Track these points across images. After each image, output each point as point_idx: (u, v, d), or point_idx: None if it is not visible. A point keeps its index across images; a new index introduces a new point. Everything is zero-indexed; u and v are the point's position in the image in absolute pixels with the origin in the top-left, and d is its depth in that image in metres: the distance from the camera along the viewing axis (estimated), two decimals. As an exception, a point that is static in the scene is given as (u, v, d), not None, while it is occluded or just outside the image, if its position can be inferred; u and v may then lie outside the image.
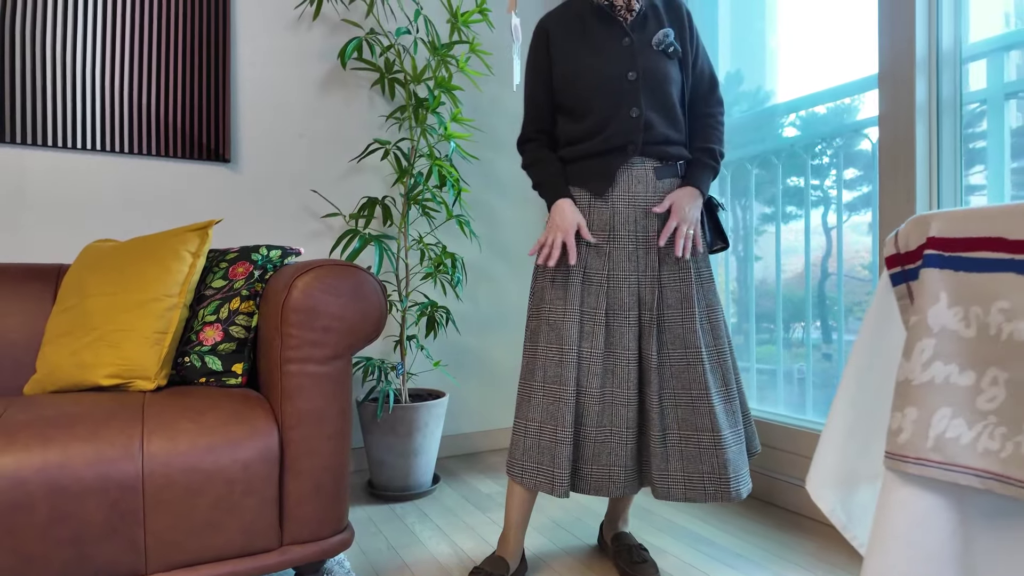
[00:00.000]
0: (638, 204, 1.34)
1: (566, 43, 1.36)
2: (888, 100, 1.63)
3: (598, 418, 1.28)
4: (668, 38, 1.33)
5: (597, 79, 1.32)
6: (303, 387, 1.24)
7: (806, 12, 1.97)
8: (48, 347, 1.40)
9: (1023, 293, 0.49)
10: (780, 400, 2.00)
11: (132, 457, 1.09)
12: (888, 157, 1.62)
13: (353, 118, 2.18)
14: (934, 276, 0.54)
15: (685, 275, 1.32)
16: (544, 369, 1.31)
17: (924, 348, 0.53)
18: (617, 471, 1.27)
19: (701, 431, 1.27)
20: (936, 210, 0.54)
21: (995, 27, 1.57)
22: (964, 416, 0.51)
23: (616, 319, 1.31)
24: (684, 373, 1.29)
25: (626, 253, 1.32)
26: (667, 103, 1.34)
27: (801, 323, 1.94)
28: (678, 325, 1.31)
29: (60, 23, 1.78)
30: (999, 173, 1.55)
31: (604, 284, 1.32)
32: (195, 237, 1.47)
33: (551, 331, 1.32)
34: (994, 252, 0.51)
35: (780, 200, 2.02)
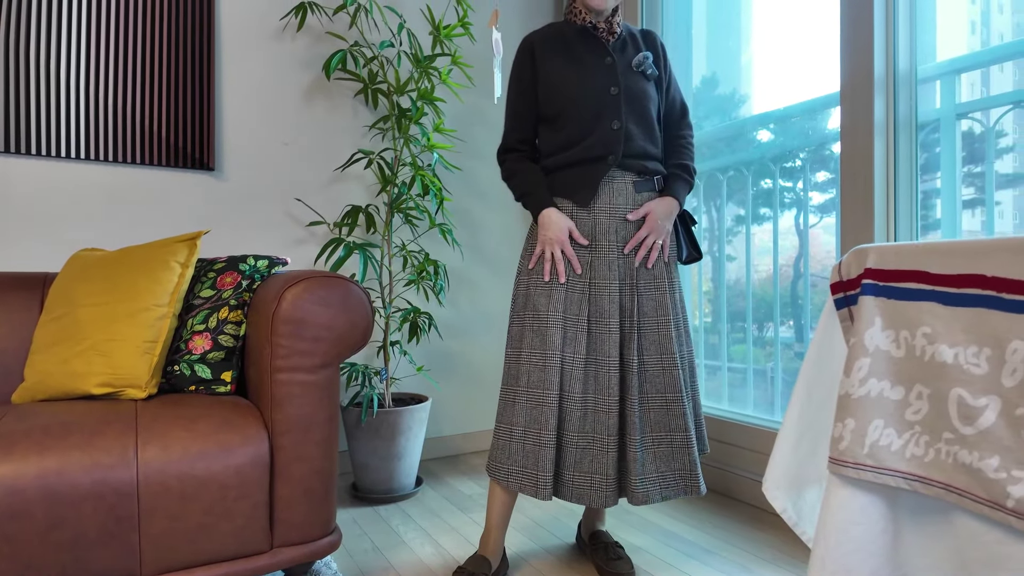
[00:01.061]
0: (618, 215, 1.40)
1: (551, 58, 1.43)
2: (848, 117, 1.72)
3: (580, 424, 1.33)
4: (647, 60, 1.42)
5: (580, 92, 1.39)
6: (293, 395, 1.29)
7: (778, 26, 2.06)
8: (37, 356, 1.42)
9: (941, 320, 0.56)
10: (750, 400, 2.09)
11: (127, 464, 1.12)
12: (849, 170, 1.72)
13: (337, 127, 2.22)
14: (870, 303, 0.62)
15: (661, 284, 1.40)
16: (528, 374, 1.36)
17: (861, 366, 0.61)
18: (599, 479, 1.31)
19: (674, 431, 1.35)
20: (889, 228, 0.60)
21: (954, 49, 1.67)
22: (894, 426, 0.59)
23: (598, 326, 1.36)
24: (660, 377, 1.36)
25: (607, 262, 1.38)
26: (646, 118, 1.42)
27: (783, 322, 2.03)
28: (654, 332, 1.37)
29: (44, 31, 1.79)
30: (951, 182, 1.65)
31: (586, 292, 1.37)
32: (184, 248, 1.50)
33: (535, 336, 1.37)
34: (919, 283, 0.58)
35: (750, 204, 2.11)
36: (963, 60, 1.64)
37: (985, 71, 1.64)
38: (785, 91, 2.03)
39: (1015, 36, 1.62)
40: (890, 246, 0.61)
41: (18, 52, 1.77)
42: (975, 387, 0.53)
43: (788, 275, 2.00)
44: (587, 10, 1.41)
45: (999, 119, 1.59)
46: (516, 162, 1.47)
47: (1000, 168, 1.58)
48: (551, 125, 1.44)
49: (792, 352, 1.99)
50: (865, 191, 1.68)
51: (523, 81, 1.46)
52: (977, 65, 1.65)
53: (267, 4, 2.10)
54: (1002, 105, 1.59)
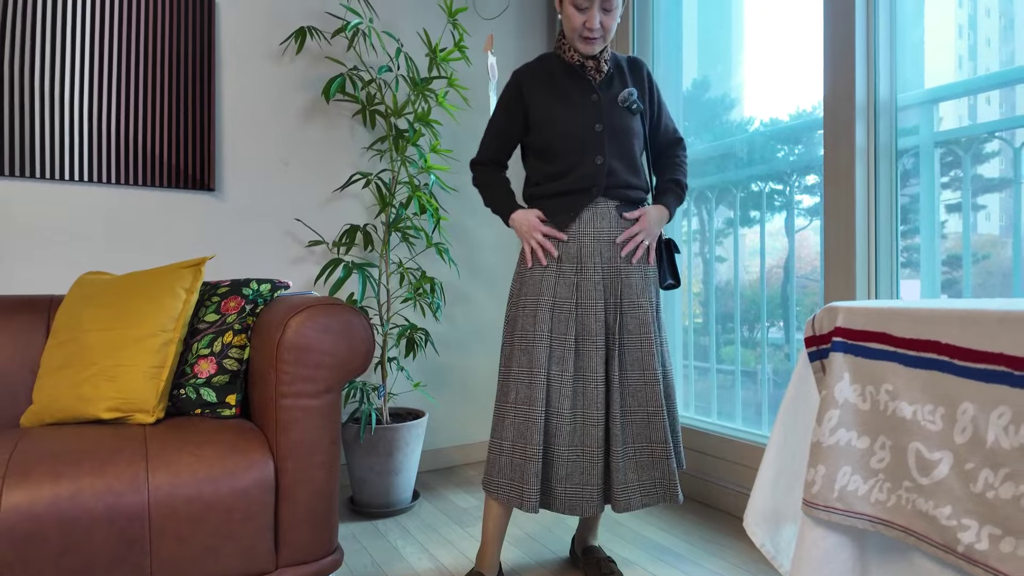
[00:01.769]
0: (602, 238, 1.46)
1: (540, 94, 1.48)
2: (831, 141, 1.78)
3: (569, 438, 1.40)
4: (632, 96, 1.47)
5: (567, 128, 1.45)
6: (296, 420, 1.33)
7: (769, 29, 2.12)
8: (45, 379, 1.46)
9: (902, 379, 0.62)
10: (738, 401, 2.15)
11: (138, 489, 1.17)
12: (832, 193, 1.78)
13: (335, 147, 2.27)
14: (839, 359, 0.67)
15: (644, 303, 1.46)
16: (516, 391, 1.42)
17: (831, 417, 0.67)
18: (589, 490, 1.39)
19: (655, 443, 1.43)
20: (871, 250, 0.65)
21: (942, 79, 1.74)
22: (860, 473, 0.64)
23: (585, 345, 1.42)
24: (641, 392, 1.43)
25: (592, 283, 1.44)
26: (629, 153, 1.48)
27: (773, 323, 2.08)
28: (637, 349, 1.44)
29: (48, 57, 1.83)
30: (931, 201, 1.72)
31: (573, 312, 1.43)
32: (189, 274, 1.54)
33: (523, 355, 1.43)
34: (883, 344, 0.64)
35: (738, 208, 2.18)
36: (941, 90, 1.71)
37: (966, 100, 1.71)
38: (775, 95, 2.08)
39: (1003, 68, 1.69)
40: (858, 308, 0.67)
41: (23, 78, 1.80)
42: (931, 442, 0.59)
43: (778, 276, 2.06)
44: (576, 51, 1.47)
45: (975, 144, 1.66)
46: (488, 174, 1.57)
47: (985, 172, 1.64)
48: (540, 156, 1.50)
49: (782, 353, 2.05)
50: (847, 209, 1.74)
51: (509, 109, 1.52)
52: (955, 95, 1.72)
53: (266, 26, 2.14)
54: (981, 132, 1.66)
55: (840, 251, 1.76)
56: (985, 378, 0.56)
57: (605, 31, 1.43)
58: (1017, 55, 1.68)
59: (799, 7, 2.01)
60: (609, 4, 1.40)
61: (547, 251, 1.45)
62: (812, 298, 2.01)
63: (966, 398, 0.57)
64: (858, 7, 1.74)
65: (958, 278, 1.68)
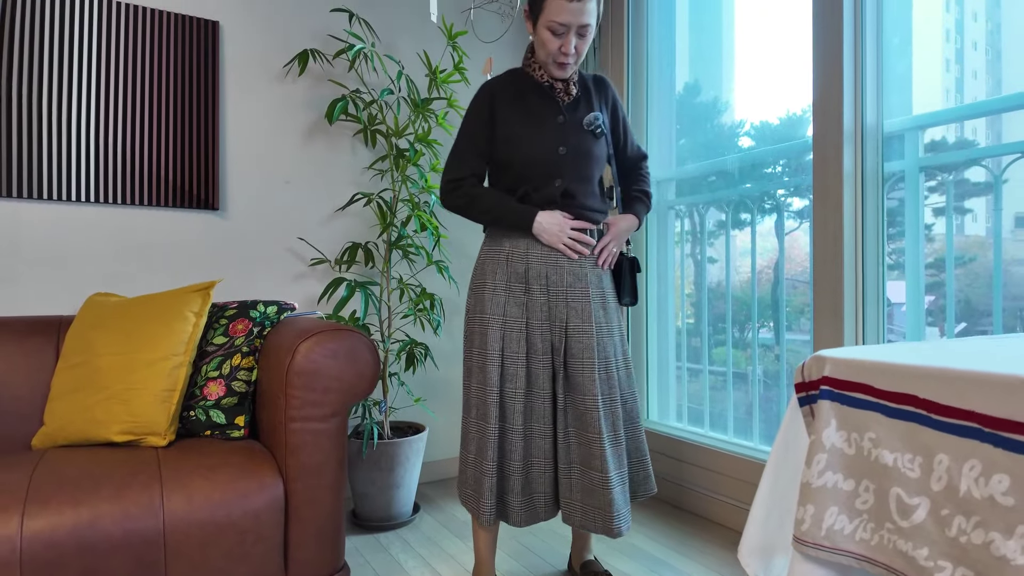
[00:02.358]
0: (549, 262, 1.48)
1: (508, 110, 1.49)
2: (820, 165, 1.84)
3: (523, 452, 1.44)
4: (597, 120, 1.50)
5: (531, 149, 1.46)
6: (305, 443, 1.38)
7: (761, 33, 2.17)
8: (57, 402, 1.50)
9: (884, 428, 0.67)
10: (730, 402, 2.21)
11: (154, 514, 1.21)
12: (820, 214, 1.84)
13: (337, 166, 2.31)
14: (826, 406, 0.73)
15: (588, 328, 1.46)
16: (476, 408, 1.47)
17: (819, 460, 0.72)
18: (539, 498, 1.45)
19: (593, 470, 1.41)
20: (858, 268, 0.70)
21: (931, 107, 1.80)
22: (846, 513, 0.70)
23: (533, 363, 1.46)
24: (583, 417, 1.43)
25: (539, 304, 1.47)
26: (588, 177, 1.51)
27: (763, 324, 2.14)
28: (579, 374, 1.44)
29: (56, 80, 1.86)
30: (915, 218, 1.78)
31: (523, 331, 1.46)
32: (198, 298, 1.58)
33: (479, 372, 1.47)
34: (866, 395, 0.70)
35: (730, 211, 2.24)
36: (926, 117, 1.77)
37: (948, 127, 1.78)
38: (766, 98, 2.14)
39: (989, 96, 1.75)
40: (843, 359, 0.72)
41: (31, 101, 1.83)
42: (910, 488, 0.64)
43: (769, 277, 2.12)
44: (547, 72, 1.48)
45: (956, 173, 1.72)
46: (473, 188, 1.50)
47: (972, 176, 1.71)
48: (500, 170, 1.52)
49: (772, 355, 2.10)
50: (835, 229, 1.80)
51: (481, 122, 1.49)
52: (939, 122, 1.79)
53: (269, 48, 2.18)
54: (963, 159, 1.72)
55: (828, 256, 1.82)
56: (958, 432, 0.61)
57: (578, 55, 1.44)
58: (1004, 84, 1.75)
59: (789, 11, 2.05)
60: (584, 30, 1.40)
61: (576, 250, 1.47)
62: (802, 298, 2.07)
63: (941, 450, 0.62)
64: (846, 36, 1.80)
65: (944, 280, 1.74)
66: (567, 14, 1.36)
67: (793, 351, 2.08)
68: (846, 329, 1.77)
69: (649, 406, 2.48)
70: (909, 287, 1.79)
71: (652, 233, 2.48)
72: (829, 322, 1.81)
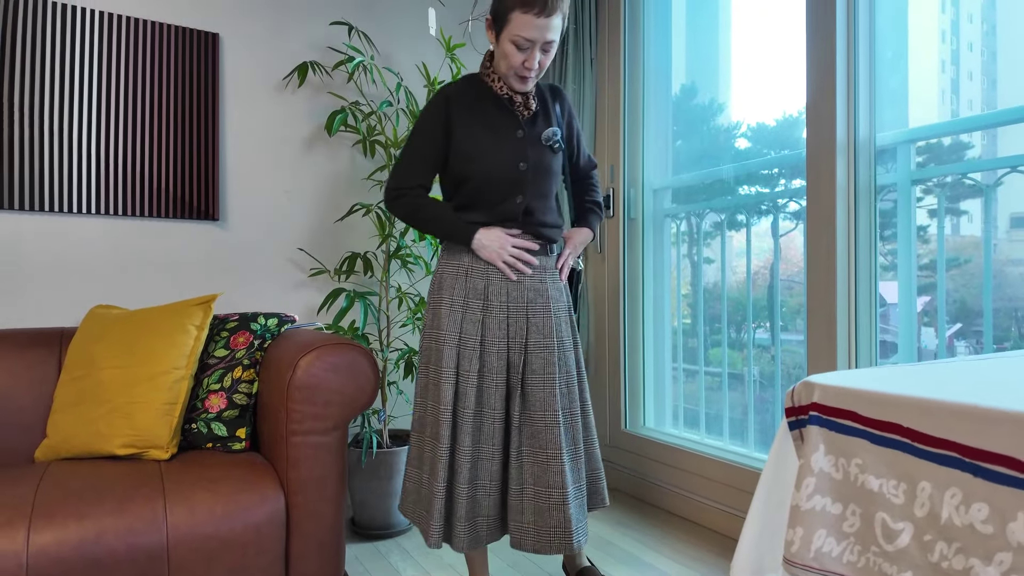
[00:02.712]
0: (509, 278, 1.45)
1: (467, 121, 1.44)
2: (813, 177, 1.87)
3: (469, 474, 1.39)
4: (555, 136, 1.47)
5: (491, 164, 1.43)
6: (306, 457, 1.40)
7: (757, 35, 2.19)
8: (60, 415, 1.51)
9: (870, 455, 0.70)
10: (725, 403, 2.24)
11: (158, 528, 1.22)
12: (814, 228, 1.87)
13: (336, 176, 2.32)
14: (815, 431, 0.75)
15: (549, 343, 1.44)
16: (430, 427, 1.44)
17: (808, 484, 0.74)
18: (481, 521, 1.41)
19: (552, 487, 1.38)
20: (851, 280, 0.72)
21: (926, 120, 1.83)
22: (834, 536, 0.72)
23: (486, 381, 1.42)
24: (542, 434, 1.40)
25: (497, 321, 1.44)
26: (547, 193, 1.50)
27: (759, 325, 2.16)
28: (540, 390, 1.42)
29: (57, 92, 1.88)
30: (908, 234, 1.81)
31: (477, 349, 1.42)
32: (199, 311, 1.60)
33: (435, 391, 1.43)
34: (853, 422, 0.72)
35: (725, 218, 2.26)
36: (919, 131, 1.80)
37: (940, 142, 1.81)
38: (762, 100, 2.16)
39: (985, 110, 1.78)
40: (831, 387, 0.75)
41: (32, 115, 1.85)
42: (894, 513, 0.67)
43: (765, 278, 2.14)
44: (506, 84, 1.45)
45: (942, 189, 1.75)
46: (417, 199, 1.47)
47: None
48: (459, 184, 1.47)
49: (768, 355, 2.13)
50: (828, 243, 1.83)
51: (434, 131, 1.45)
52: (932, 135, 1.82)
53: (269, 60, 2.20)
54: (951, 174, 1.75)
55: (821, 258, 1.84)
56: (940, 461, 0.64)
57: (541, 70, 1.42)
58: (999, 83, 1.77)
59: (785, 12, 2.07)
60: (549, 45, 1.38)
61: (517, 269, 1.45)
62: (797, 299, 2.09)
63: (924, 477, 0.65)
64: (839, 48, 1.83)
65: (936, 282, 1.76)
66: (533, 30, 1.33)
67: (789, 351, 2.10)
68: (839, 334, 1.80)
69: (645, 412, 2.51)
70: (901, 289, 1.82)
71: (648, 234, 2.50)
72: (822, 328, 1.83)
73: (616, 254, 2.53)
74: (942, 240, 1.75)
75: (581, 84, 2.58)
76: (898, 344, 1.82)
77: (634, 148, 2.53)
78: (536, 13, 1.32)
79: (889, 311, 1.88)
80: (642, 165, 2.51)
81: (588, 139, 2.58)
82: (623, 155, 2.53)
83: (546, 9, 1.32)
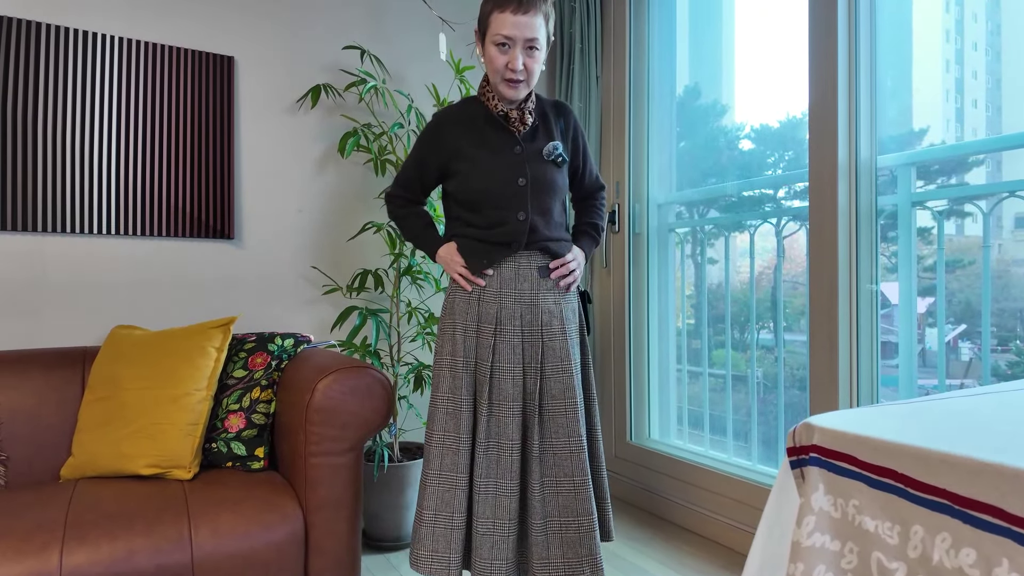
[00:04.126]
0: (524, 300, 1.42)
1: (463, 142, 1.44)
2: (815, 199, 1.91)
3: (481, 508, 1.34)
4: (557, 150, 1.44)
5: (491, 182, 1.41)
6: (324, 477, 1.45)
7: (761, 37, 2.22)
8: (85, 435, 1.57)
9: (866, 497, 0.74)
10: (729, 405, 2.28)
11: (184, 548, 1.28)
12: (816, 244, 1.91)
13: (348, 194, 2.38)
14: (815, 472, 0.80)
15: (567, 366, 1.39)
16: (441, 457, 1.38)
17: (808, 522, 0.79)
18: (499, 564, 1.33)
19: (581, 515, 1.34)
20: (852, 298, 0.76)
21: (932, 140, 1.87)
22: (833, 571, 0.77)
23: (500, 409, 1.37)
24: (567, 460, 1.35)
25: (511, 346, 1.39)
26: (549, 208, 1.45)
27: (762, 325, 2.20)
28: (562, 415, 1.37)
29: (79, 117, 1.93)
30: (908, 262, 1.85)
31: (488, 374, 1.38)
32: (218, 333, 1.65)
33: (448, 419, 1.39)
34: (851, 465, 0.77)
35: (726, 230, 2.30)
36: (918, 155, 1.84)
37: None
38: (765, 101, 2.20)
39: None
40: (830, 430, 0.79)
41: (55, 139, 1.90)
42: (889, 553, 0.71)
43: (769, 279, 2.18)
44: (500, 97, 1.43)
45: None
46: (405, 205, 1.56)
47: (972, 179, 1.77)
48: (461, 205, 1.47)
49: (772, 357, 2.17)
50: (831, 263, 1.87)
51: (427, 154, 1.49)
52: (934, 158, 1.86)
53: (282, 82, 2.25)
54: (949, 196, 1.79)
55: (824, 260, 1.88)
56: (931, 507, 0.68)
57: (529, 74, 1.38)
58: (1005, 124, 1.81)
59: (788, 13, 2.09)
60: (532, 44, 1.35)
61: (470, 281, 1.44)
62: (801, 299, 2.13)
63: (917, 521, 0.69)
64: (840, 65, 1.87)
65: (945, 285, 1.79)
66: (511, 27, 1.33)
67: (792, 352, 2.14)
68: (840, 336, 1.84)
69: (651, 424, 2.55)
70: (902, 291, 1.84)
71: (653, 249, 2.54)
72: (824, 330, 1.88)
73: (621, 268, 2.58)
74: (942, 242, 1.78)
75: (587, 102, 2.62)
76: (899, 345, 1.85)
77: (638, 163, 2.57)
78: (512, 10, 1.32)
79: (892, 312, 1.91)
80: (647, 180, 2.56)
81: (593, 155, 2.63)
82: (628, 171, 2.57)
83: (521, 6, 1.32)
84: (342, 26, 2.37)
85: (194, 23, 2.12)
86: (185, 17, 2.10)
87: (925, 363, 1.88)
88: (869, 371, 1.86)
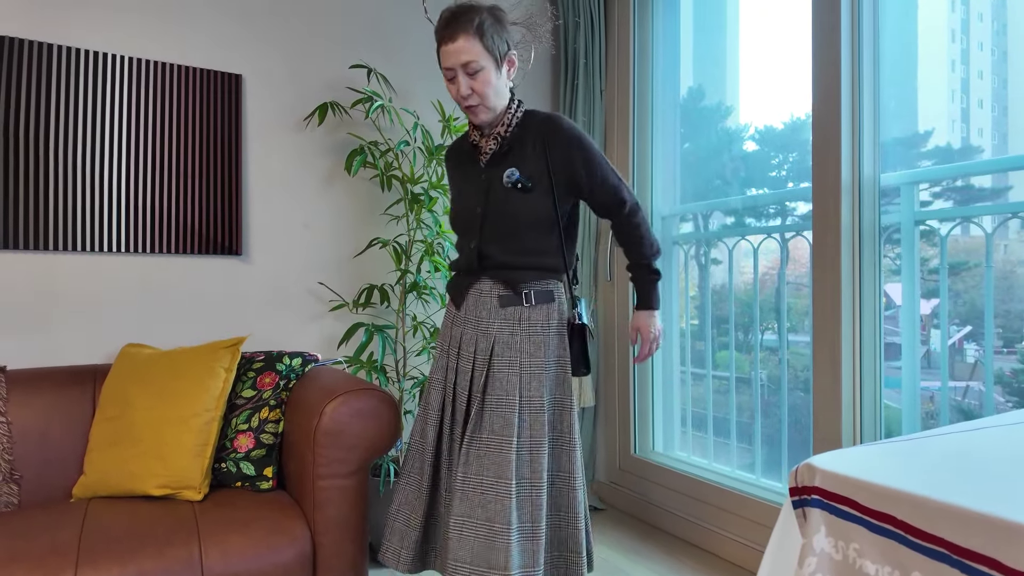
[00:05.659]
0: (481, 327, 1.42)
1: (455, 175, 1.57)
2: (819, 218, 1.92)
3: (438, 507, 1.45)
4: (513, 176, 1.38)
5: (458, 210, 1.51)
6: (332, 499, 1.47)
7: (765, 38, 2.23)
8: (96, 454, 1.59)
9: (867, 541, 0.76)
10: (732, 407, 2.29)
11: (194, 570, 1.30)
12: (820, 261, 1.92)
13: (354, 210, 2.39)
14: (817, 513, 0.81)
15: (511, 401, 1.35)
16: (410, 460, 1.48)
17: (810, 562, 0.80)
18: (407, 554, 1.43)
19: (494, 567, 1.25)
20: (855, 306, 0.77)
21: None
22: (833, 612, 0.78)
23: (449, 429, 1.44)
24: (492, 503, 1.27)
25: (464, 372, 1.43)
26: (511, 234, 1.40)
27: (766, 327, 2.21)
28: (495, 452, 1.31)
29: (90, 136, 1.95)
30: (911, 276, 1.86)
31: (450, 393, 1.46)
32: (227, 354, 1.67)
33: (416, 427, 1.49)
34: (852, 509, 0.78)
35: (730, 235, 2.32)
36: (921, 173, 1.85)
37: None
38: (769, 103, 2.21)
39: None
40: (831, 473, 0.81)
41: (66, 158, 1.92)
42: (889, 598, 0.73)
43: (772, 280, 2.19)
44: (472, 125, 1.47)
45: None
46: None
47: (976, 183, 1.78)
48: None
49: (776, 359, 2.17)
50: (834, 277, 1.88)
51: (451, 190, 1.62)
52: (938, 177, 1.87)
53: (289, 99, 2.27)
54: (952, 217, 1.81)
55: (826, 262, 1.89)
56: (930, 555, 0.70)
57: (480, 96, 1.36)
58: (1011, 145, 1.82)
59: (792, 14, 2.09)
60: (471, 66, 1.34)
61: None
62: (805, 301, 2.13)
63: (915, 568, 0.71)
64: (843, 83, 1.88)
65: (951, 286, 1.79)
66: (446, 58, 1.37)
67: (796, 353, 2.15)
68: (843, 338, 1.85)
69: (654, 436, 2.57)
70: (905, 292, 1.85)
71: (657, 261, 2.56)
72: (828, 332, 1.88)
73: (625, 282, 2.59)
74: (944, 244, 1.79)
75: (591, 116, 2.64)
76: (902, 347, 1.86)
77: (643, 176, 2.59)
78: (443, 41, 1.36)
79: (898, 314, 1.91)
80: (651, 193, 2.57)
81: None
82: (632, 184, 2.58)
83: (447, 36, 1.35)
84: (348, 44, 2.39)
85: (203, 41, 2.14)
86: (194, 36, 2.12)
87: (930, 364, 1.88)
88: (872, 374, 1.86)
